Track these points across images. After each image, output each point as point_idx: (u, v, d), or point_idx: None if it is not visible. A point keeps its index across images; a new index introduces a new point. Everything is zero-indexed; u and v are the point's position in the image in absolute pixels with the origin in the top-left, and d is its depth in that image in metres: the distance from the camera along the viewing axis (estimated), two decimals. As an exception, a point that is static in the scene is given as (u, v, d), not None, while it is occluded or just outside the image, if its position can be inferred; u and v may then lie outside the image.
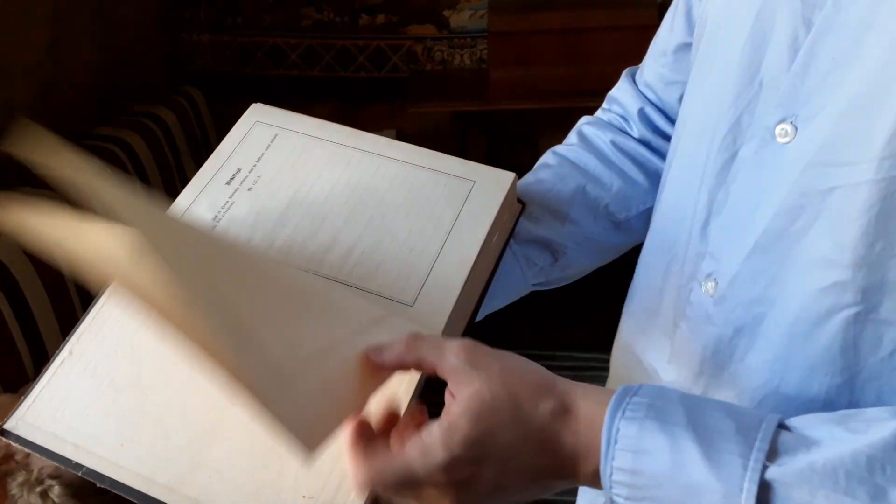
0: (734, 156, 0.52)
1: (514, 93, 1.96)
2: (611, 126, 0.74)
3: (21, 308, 1.30)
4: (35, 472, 0.63)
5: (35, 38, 1.59)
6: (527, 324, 1.67)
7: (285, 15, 2.19)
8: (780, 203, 0.47)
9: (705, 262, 0.54)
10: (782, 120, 0.47)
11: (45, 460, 0.50)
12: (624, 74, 0.75)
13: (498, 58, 1.96)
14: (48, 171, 0.38)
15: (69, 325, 0.55)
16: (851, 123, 0.43)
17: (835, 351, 0.46)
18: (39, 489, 0.62)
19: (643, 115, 0.72)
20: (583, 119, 0.76)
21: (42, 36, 1.61)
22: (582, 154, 0.71)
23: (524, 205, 0.64)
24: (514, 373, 0.43)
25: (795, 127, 0.46)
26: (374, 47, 2.20)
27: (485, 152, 2.25)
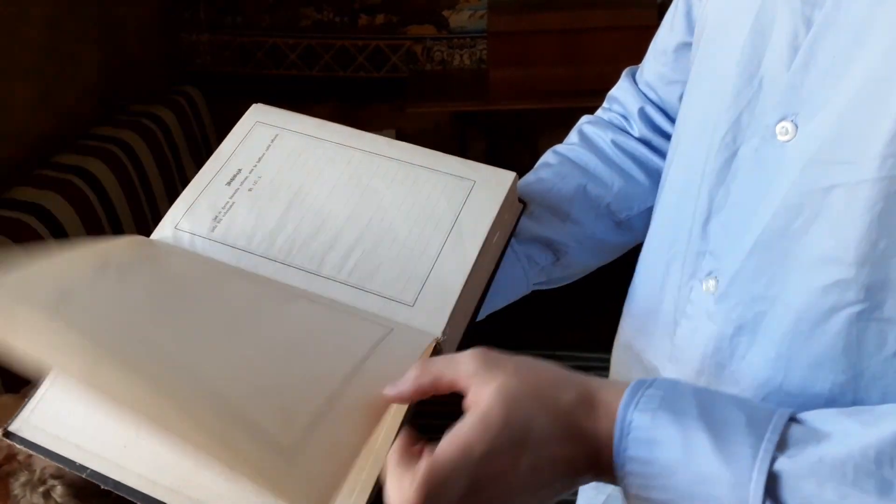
0: (734, 154, 0.52)
1: (514, 93, 1.96)
2: (611, 125, 0.74)
3: (21, 309, 1.30)
4: (37, 473, 0.63)
5: (35, 38, 1.59)
6: (527, 324, 1.67)
7: (285, 15, 2.19)
8: (781, 201, 0.47)
9: (706, 261, 0.54)
10: (783, 118, 0.47)
11: (48, 461, 0.49)
12: (624, 74, 0.75)
13: (497, 58, 1.96)
14: None
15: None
16: (852, 121, 0.43)
17: (838, 349, 0.46)
18: (42, 489, 0.62)
19: (644, 115, 0.72)
20: (583, 118, 0.76)
21: (42, 36, 1.61)
22: (583, 153, 0.71)
23: (525, 204, 0.64)
24: (532, 368, 0.44)
25: (796, 125, 0.46)
26: (374, 47, 2.20)
27: (484, 152, 2.24)
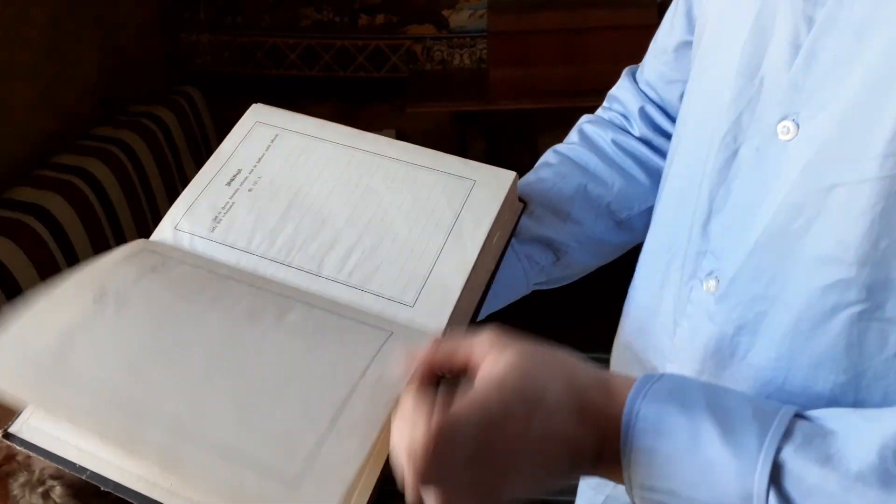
0: (735, 154, 0.52)
1: (514, 92, 1.96)
2: (612, 125, 0.74)
3: (21, 309, 1.30)
4: (37, 473, 0.63)
5: (35, 38, 1.59)
6: (527, 324, 1.67)
7: (285, 15, 2.19)
8: (782, 200, 0.47)
9: (706, 260, 0.54)
10: (784, 118, 0.47)
11: (47, 461, 0.49)
12: (624, 73, 0.75)
13: (497, 58, 1.96)
14: None
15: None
16: (854, 121, 0.43)
17: (839, 349, 0.45)
18: (41, 490, 0.62)
19: (644, 114, 0.72)
20: (583, 118, 0.76)
21: (42, 36, 1.61)
22: (583, 153, 0.71)
23: (525, 204, 0.63)
24: (548, 348, 0.44)
25: (797, 125, 0.46)
26: (374, 47, 2.20)
27: (484, 152, 2.24)
